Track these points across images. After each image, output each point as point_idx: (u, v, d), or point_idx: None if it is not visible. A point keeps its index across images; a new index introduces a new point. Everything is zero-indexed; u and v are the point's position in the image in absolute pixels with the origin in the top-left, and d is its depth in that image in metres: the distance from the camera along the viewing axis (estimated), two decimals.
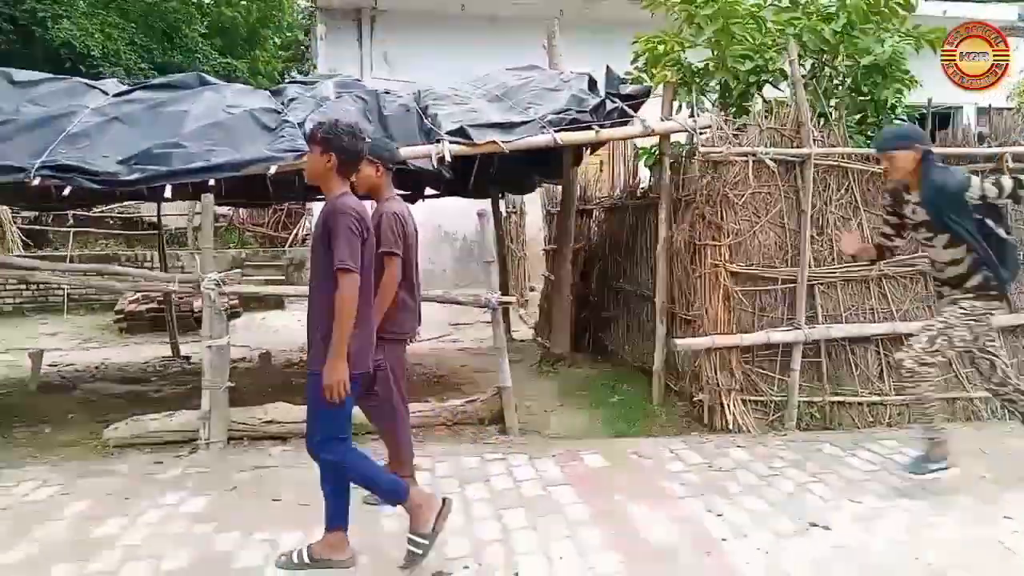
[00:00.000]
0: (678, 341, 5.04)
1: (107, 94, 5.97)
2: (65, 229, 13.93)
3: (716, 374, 5.11)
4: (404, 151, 5.27)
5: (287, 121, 5.48)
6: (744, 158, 4.98)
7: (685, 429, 5.29)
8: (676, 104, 5.73)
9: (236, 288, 5.89)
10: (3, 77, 5.91)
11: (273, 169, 4.96)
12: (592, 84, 5.82)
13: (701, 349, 5.08)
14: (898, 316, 5.26)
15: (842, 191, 5.23)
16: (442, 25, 11.28)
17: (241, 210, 14.01)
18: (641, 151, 6.33)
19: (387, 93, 6.01)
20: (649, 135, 5.32)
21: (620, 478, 4.32)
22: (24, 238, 13.55)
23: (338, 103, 5.63)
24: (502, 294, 5.56)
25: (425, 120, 5.59)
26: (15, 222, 13.36)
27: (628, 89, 5.95)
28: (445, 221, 11.45)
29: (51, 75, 6.56)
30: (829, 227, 5.21)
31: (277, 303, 11.91)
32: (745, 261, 5.11)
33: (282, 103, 5.89)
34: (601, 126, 5.27)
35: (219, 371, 4.89)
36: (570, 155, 7.00)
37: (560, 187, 9.17)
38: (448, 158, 5.02)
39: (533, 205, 10.49)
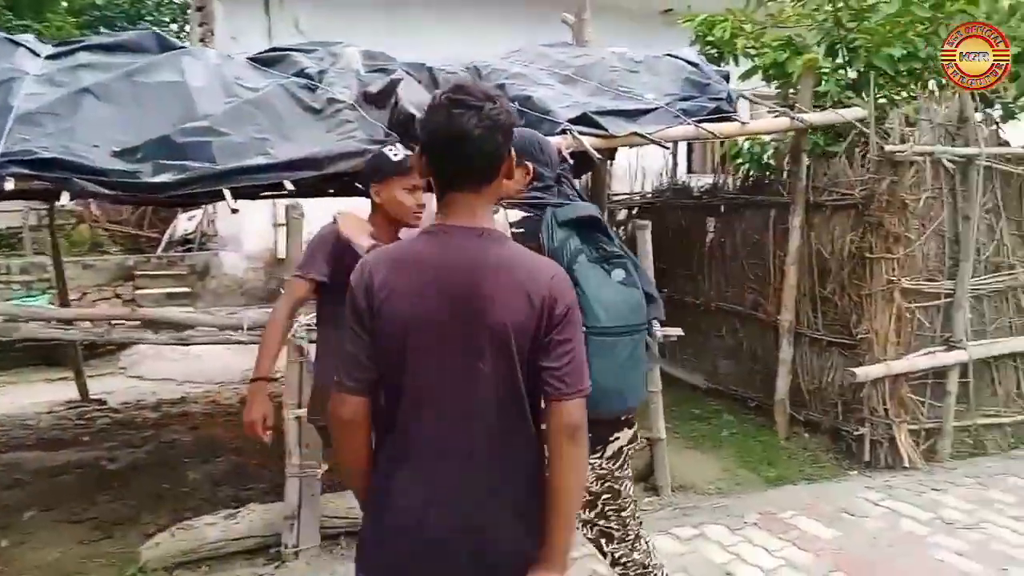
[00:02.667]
0: (856, 370, 4.33)
1: (38, 55, 4.24)
2: None
3: (884, 404, 4.47)
4: None
5: (337, 100, 4.13)
6: (921, 158, 4.35)
7: (840, 468, 4.61)
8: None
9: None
10: None
11: None
12: (695, 66, 4.92)
13: (867, 378, 4.41)
14: None
15: (987, 194, 4.78)
16: None
17: (92, 204, 11.45)
18: (730, 147, 5.54)
19: (440, 68, 4.75)
20: (803, 129, 4.52)
21: (870, 552, 3.54)
22: None
23: (409, 82, 4.30)
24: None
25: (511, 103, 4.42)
26: None
27: None
28: None
29: None
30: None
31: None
32: (912, 275, 4.50)
33: (303, 74, 4.44)
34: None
35: (315, 451, 3.48)
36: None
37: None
38: (594, 152, 3.93)
39: None
